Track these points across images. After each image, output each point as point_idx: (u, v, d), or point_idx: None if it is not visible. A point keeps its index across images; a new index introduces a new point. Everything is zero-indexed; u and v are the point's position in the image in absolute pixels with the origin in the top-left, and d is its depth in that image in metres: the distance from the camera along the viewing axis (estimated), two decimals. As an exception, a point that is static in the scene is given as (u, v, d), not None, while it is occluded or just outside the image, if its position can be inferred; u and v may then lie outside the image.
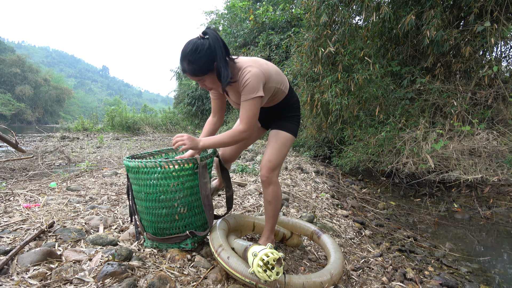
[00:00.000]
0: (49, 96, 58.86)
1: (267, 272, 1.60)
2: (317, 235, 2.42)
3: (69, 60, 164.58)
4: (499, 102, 5.99)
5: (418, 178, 5.44)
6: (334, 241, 2.35)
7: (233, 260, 1.76)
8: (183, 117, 18.07)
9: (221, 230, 2.02)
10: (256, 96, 1.86)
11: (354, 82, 6.06)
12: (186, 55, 1.83)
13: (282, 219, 2.53)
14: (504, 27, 5.48)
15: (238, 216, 2.32)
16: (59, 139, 12.67)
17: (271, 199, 2.11)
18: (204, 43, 1.81)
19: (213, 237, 1.95)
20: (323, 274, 1.88)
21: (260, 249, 1.67)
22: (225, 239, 1.96)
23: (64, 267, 1.68)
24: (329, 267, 1.98)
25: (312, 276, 1.84)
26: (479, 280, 2.85)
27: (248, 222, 2.36)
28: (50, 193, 3.47)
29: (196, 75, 1.86)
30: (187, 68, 1.85)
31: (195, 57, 1.81)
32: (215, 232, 1.99)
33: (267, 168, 2.08)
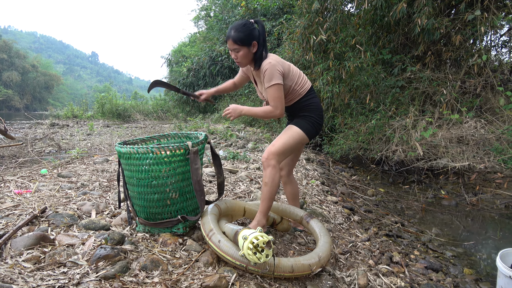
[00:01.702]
0: (37, 83, 57.83)
1: (256, 255, 1.64)
2: (306, 220, 2.46)
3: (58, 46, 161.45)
4: (487, 90, 6.07)
5: (407, 166, 5.52)
6: (323, 225, 2.38)
7: (224, 244, 1.79)
8: (174, 104, 17.95)
9: (212, 215, 2.05)
10: (275, 83, 2.17)
11: (346, 70, 6.09)
12: (236, 25, 2.19)
13: (273, 205, 2.56)
14: (494, 16, 5.53)
15: (229, 202, 2.34)
16: (49, 126, 12.54)
17: (267, 180, 2.21)
18: (252, 24, 2.20)
19: (204, 222, 1.98)
20: (312, 257, 1.93)
21: (250, 232, 1.70)
22: (216, 223, 1.99)
23: (57, 251, 1.70)
24: (317, 250, 2.02)
25: (301, 258, 1.89)
26: (463, 263, 2.94)
27: (239, 207, 2.39)
28: (41, 180, 3.47)
29: (236, 42, 2.16)
30: (232, 35, 2.16)
31: (242, 29, 2.16)
32: (206, 217, 2.02)
33: (268, 151, 2.25)
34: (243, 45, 2.17)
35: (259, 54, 2.22)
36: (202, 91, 2.72)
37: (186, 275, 1.68)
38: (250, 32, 2.17)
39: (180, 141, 2.53)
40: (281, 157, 2.26)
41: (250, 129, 9.35)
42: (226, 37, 2.22)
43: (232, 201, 2.39)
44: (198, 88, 15.45)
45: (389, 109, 6.25)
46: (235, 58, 2.26)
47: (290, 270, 1.80)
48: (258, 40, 2.20)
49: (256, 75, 2.40)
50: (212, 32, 17.72)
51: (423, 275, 2.53)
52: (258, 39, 2.20)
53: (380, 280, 2.15)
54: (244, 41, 2.16)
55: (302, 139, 2.34)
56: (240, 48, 2.18)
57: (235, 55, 2.24)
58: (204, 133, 2.31)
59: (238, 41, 2.16)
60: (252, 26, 2.19)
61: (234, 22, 2.24)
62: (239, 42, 2.16)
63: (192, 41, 25.10)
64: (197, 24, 23.78)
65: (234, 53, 2.23)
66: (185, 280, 1.63)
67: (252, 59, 2.26)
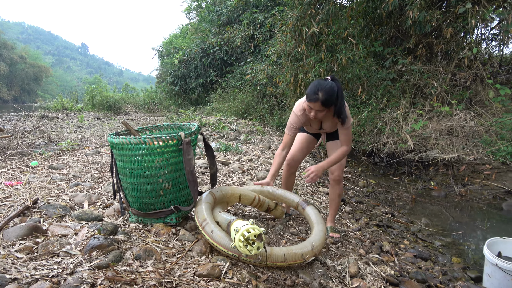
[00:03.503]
0: (25, 74, 56.82)
1: (248, 247, 1.65)
2: (302, 206, 2.47)
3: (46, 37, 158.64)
4: (477, 83, 6.14)
5: (397, 157, 5.59)
6: (318, 213, 2.39)
7: (217, 234, 1.81)
8: (165, 96, 17.81)
9: (206, 204, 2.05)
10: (350, 125, 2.40)
11: (338, 63, 6.10)
12: (325, 88, 2.17)
13: (268, 190, 2.58)
14: (484, 9, 5.58)
15: (224, 189, 2.34)
16: (38, 119, 12.39)
17: (340, 192, 2.69)
18: (337, 85, 2.21)
19: (198, 211, 1.98)
20: (305, 246, 1.95)
21: (242, 224, 1.71)
22: (210, 212, 2.00)
23: (50, 241, 1.70)
24: (311, 239, 2.04)
25: (294, 248, 1.91)
26: (451, 252, 3.00)
27: (235, 194, 2.38)
28: (32, 172, 3.44)
29: (324, 105, 2.19)
30: (322, 98, 2.16)
31: (330, 93, 2.17)
32: (200, 206, 2.02)
33: (340, 170, 2.59)
34: (327, 108, 2.22)
35: (342, 108, 2.27)
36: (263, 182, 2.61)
37: (180, 264, 1.69)
38: (335, 96, 2.19)
39: (172, 132, 2.53)
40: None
41: (242, 121, 9.35)
42: (312, 98, 2.20)
43: (227, 187, 2.37)
44: (190, 80, 15.35)
45: (380, 101, 6.30)
46: (313, 116, 2.28)
47: (283, 259, 1.82)
48: (338, 100, 2.23)
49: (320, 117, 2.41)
50: (204, 24, 17.56)
51: (412, 264, 2.58)
52: (338, 100, 2.23)
53: (370, 269, 2.19)
54: (329, 105, 2.21)
55: None
56: (324, 110, 2.23)
57: (315, 114, 2.27)
58: (197, 124, 2.31)
59: (326, 105, 2.20)
60: (336, 88, 2.20)
61: (320, 84, 2.20)
62: (326, 106, 2.20)
63: (184, 32, 24.86)
64: (189, 15, 23.54)
65: (316, 112, 2.26)
66: (179, 269, 1.64)
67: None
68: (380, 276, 2.13)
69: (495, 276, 2.24)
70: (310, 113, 2.28)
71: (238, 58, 13.44)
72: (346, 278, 2.01)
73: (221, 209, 2.16)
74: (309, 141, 2.77)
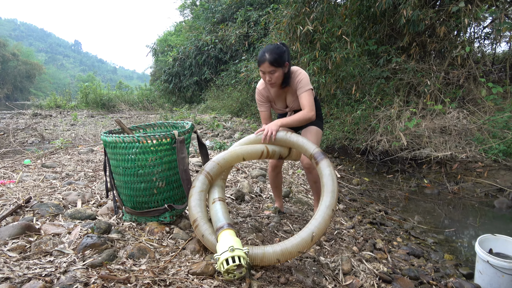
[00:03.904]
0: (18, 72, 56.22)
1: (229, 275, 1.60)
2: (316, 159, 2.14)
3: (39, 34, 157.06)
4: (470, 82, 6.19)
5: (391, 155, 5.62)
6: (332, 173, 2.05)
7: (207, 240, 1.79)
8: (160, 94, 17.74)
9: (199, 194, 1.93)
10: (309, 88, 2.38)
11: (332, 61, 6.12)
12: (270, 49, 2.28)
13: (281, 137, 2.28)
14: (477, 8, 5.62)
15: (223, 158, 2.12)
16: (31, 116, 12.29)
17: (315, 179, 2.57)
18: (283, 46, 2.33)
19: (191, 206, 1.89)
20: (303, 240, 1.79)
21: (222, 250, 1.62)
22: (202, 207, 1.89)
23: (43, 240, 1.70)
24: (311, 227, 1.83)
25: (289, 245, 1.77)
26: (444, 249, 3.03)
27: (237, 158, 2.18)
28: (25, 170, 3.42)
29: (272, 64, 2.25)
30: (268, 57, 2.25)
31: (277, 51, 2.27)
32: (191, 199, 1.91)
33: None
34: (278, 67, 2.28)
35: (289, 72, 2.38)
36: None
37: (173, 263, 1.69)
38: (283, 53, 2.28)
39: (166, 130, 2.53)
40: None
41: (237, 119, 9.34)
42: (260, 61, 2.30)
43: (227, 154, 2.15)
44: (184, 78, 15.30)
45: (374, 99, 6.32)
46: (269, 80, 2.33)
47: (276, 261, 1.76)
48: (288, 60, 2.34)
49: (279, 92, 2.53)
50: (198, 21, 17.49)
51: (405, 261, 2.61)
52: (288, 59, 2.34)
53: (364, 266, 2.21)
54: (279, 63, 2.27)
55: (322, 134, 2.67)
56: (276, 70, 2.28)
57: (269, 77, 2.31)
58: (191, 123, 2.31)
59: (275, 63, 2.25)
60: (284, 48, 2.31)
61: (265, 46, 2.35)
62: (275, 64, 2.26)
63: (178, 30, 24.75)
64: (183, 13, 23.45)
65: (269, 75, 2.31)
66: (172, 268, 1.64)
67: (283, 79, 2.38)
68: (373, 273, 2.15)
69: (486, 273, 2.26)
70: (266, 80, 2.35)
71: (233, 56, 13.41)
72: (339, 275, 2.02)
73: (218, 187, 2.06)
74: None
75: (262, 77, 2.37)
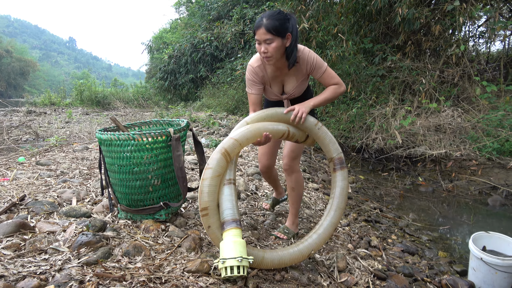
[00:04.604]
0: (12, 69, 55.72)
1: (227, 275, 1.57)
2: (335, 166, 2.05)
3: (33, 31, 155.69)
4: (464, 80, 6.23)
5: (386, 153, 5.64)
6: (346, 187, 2.01)
7: (212, 232, 1.71)
8: (155, 92, 17.68)
9: (213, 180, 1.72)
10: (326, 66, 2.08)
11: (328, 59, 6.13)
12: (269, 14, 1.92)
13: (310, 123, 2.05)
14: (472, 7, 5.65)
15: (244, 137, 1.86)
16: (25, 114, 12.19)
17: (295, 185, 2.32)
18: (287, 14, 1.95)
19: (202, 192, 1.71)
20: (301, 253, 1.81)
21: (228, 256, 1.57)
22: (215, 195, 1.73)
23: (38, 238, 1.69)
24: (311, 242, 1.85)
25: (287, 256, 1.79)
26: (438, 247, 3.05)
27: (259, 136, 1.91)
28: (19, 168, 3.40)
29: (269, 31, 1.88)
30: (265, 23, 1.88)
31: (277, 17, 1.89)
32: (205, 184, 1.72)
33: (290, 157, 2.27)
34: (277, 36, 1.89)
35: (293, 49, 1.98)
36: None
37: (169, 260, 1.69)
38: (284, 21, 1.91)
39: (162, 128, 2.52)
40: (299, 158, 2.31)
41: (233, 117, 9.33)
42: (256, 26, 1.92)
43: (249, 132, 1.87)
44: (180, 75, 15.25)
45: (369, 97, 6.34)
46: (264, 52, 1.93)
47: (271, 267, 1.77)
48: (292, 32, 1.94)
49: (278, 73, 2.14)
50: (194, 19, 17.44)
51: (399, 258, 2.62)
52: (292, 31, 1.94)
53: (359, 263, 2.22)
54: (278, 31, 1.89)
55: None
56: (274, 39, 1.89)
57: (265, 47, 1.92)
58: (186, 120, 2.31)
59: (272, 30, 1.87)
60: (287, 16, 1.94)
61: (266, 12, 1.96)
62: (273, 31, 1.87)
63: (173, 27, 24.65)
64: (178, 10, 23.34)
65: (265, 45, 1.92)
66: (168, 265, 1.64)
67: (283, 54, 1.99)
68: (368, 270, 2.16)
69: (480, 270, 2.28)
70: (261, 52, 1.96)
71: (228, 53, 13.38)
72: (334, 272, 2.03)
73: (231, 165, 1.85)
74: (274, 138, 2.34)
75: (257, 48, 1.97)
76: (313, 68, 2.06)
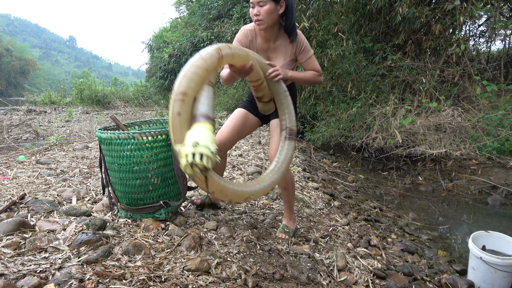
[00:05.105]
0: (12, 67, 55.66)
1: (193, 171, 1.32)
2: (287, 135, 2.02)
3: (33, 30, 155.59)
4: (465, 79, 6.23)
5: (386, 153, 5.64)
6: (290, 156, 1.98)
7: (180, 120, 1.44)
8: (155, 91, 17.67)
9: (200, 70, 1.52)
10: (312, 54, 2.16)
11: (328, 58, 6.12)
12: None
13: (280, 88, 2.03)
14: (472, 6, 5.64)
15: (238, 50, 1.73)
16: (25, 113, 12.18)
17: (285, 185, 2.26)
18: None
19: (185, 75, 1.51)
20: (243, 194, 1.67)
21: (198, 141, 1.32)
22: (198, 84, 1.51)
23: (38, 237, 1.69)
24: (253, 190, 1.72)
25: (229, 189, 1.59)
26: (438, 246, 3.06)
27: (247, 60, 1.79)
28: (19, 166, 3.40)
29: None
30: None
31: None
32: (192, 70, 1.52)
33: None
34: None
35: (292, 21, 2.01)
36: None
37: (169, 259, 1.70)
38: None
39: (162, 127, 2.52)
40: None
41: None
42: None
43: (241, 51, 1.76)
44: (180, 74, 15.25)
45: (369, 97, 6.34)
46: (256, 14, 1.93)
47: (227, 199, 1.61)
48: (287, 1, 1.97)
49: (268, 45, 2.11)
50: (194, 18, 17.41)
51: (399, 257, 2.63)
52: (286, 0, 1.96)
53: (358, 262, 2.22)
54: None
55: None
56: (267, 2, 1.90)
57: (258, 10, 1.92)
58: (186, 119, 2.30)
59: None
60: None
61: None
62: None
63: (174, 26, 24.61)
64: (179, 9, 23.30)
65: (258, 7, 1.92)
66: (168, 264, 1.65)
67: (276, 23, 2.01)
68: (367, 269, 2.17)
69: (479, 269, 2.29)
70: (253, 15, 1.96)
71: (229, 52, 13.35)
72: (334, 271, 2.04)
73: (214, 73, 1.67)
74: (246, 120, 2.30)
75: (250, 12, 1.97)
76: (302, 50, 2.10)
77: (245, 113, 2.30)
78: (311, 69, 2.16)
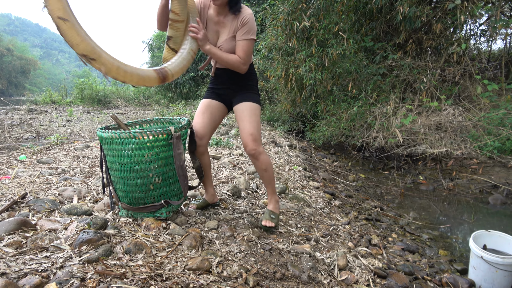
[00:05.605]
0: (13, 67, 55.67)
1: None
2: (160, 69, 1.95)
3: (34, 29, 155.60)
4: (465, 79, 6.22)
5: (387, 152, 5.64)
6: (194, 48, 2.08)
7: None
8: (156, 90, 17.69)
9: None
10: (252, 38, 2.08)
11: (328, 57, 6.12)
12: None
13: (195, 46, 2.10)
14: (473, 5, 5.63)
15: None
16: (26, 112, 12.21)
17: (265, 167, 2.29)
18: None
19: None
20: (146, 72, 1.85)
21: None
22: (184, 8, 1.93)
23: (39, 236, 1.70)
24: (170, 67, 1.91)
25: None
26: (439, 245, 3.05)
27: None
28: (20, 166, 3.41)
29: None
30: None
31: None
32: None
33: (252, 141, 2.19)
34: None
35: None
36: None
37: (170, 258, 1.70)
38: None
39: (162, 126, 2.52)
40: (260, 139, 2.26)
41: (233, 115, 9.33)
42: None
43: None
44: (181, 76, 15.24)
45: (370, 96, 6.33)
46: None
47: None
48: None
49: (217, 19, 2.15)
50: (195, 17, 17.39)
51: (400, 257, 2.63)
52: None
53: (359, 261, 2.22)
54: None
55: (260, 111, 2.32)
56: None
57: None
58: (187, 119, 2.31)
59: None
60: None
61: None
62: None
63: (174, 26, 24.58)
64: (179, 9, 23.28)
65: None
66: (169, 263, 1.65)
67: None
68: (368, 268, 2.17)
69: (480, 268, 2.29)
70: None
71: (229, 52, 13.34)
72: (334, 270, 2.04)
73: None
74: (212, 107, 2.36)
75: None
76: (242, 24, 2.06)
77: (208, 102, 2.36)
78: (239, 52, 2.10)
